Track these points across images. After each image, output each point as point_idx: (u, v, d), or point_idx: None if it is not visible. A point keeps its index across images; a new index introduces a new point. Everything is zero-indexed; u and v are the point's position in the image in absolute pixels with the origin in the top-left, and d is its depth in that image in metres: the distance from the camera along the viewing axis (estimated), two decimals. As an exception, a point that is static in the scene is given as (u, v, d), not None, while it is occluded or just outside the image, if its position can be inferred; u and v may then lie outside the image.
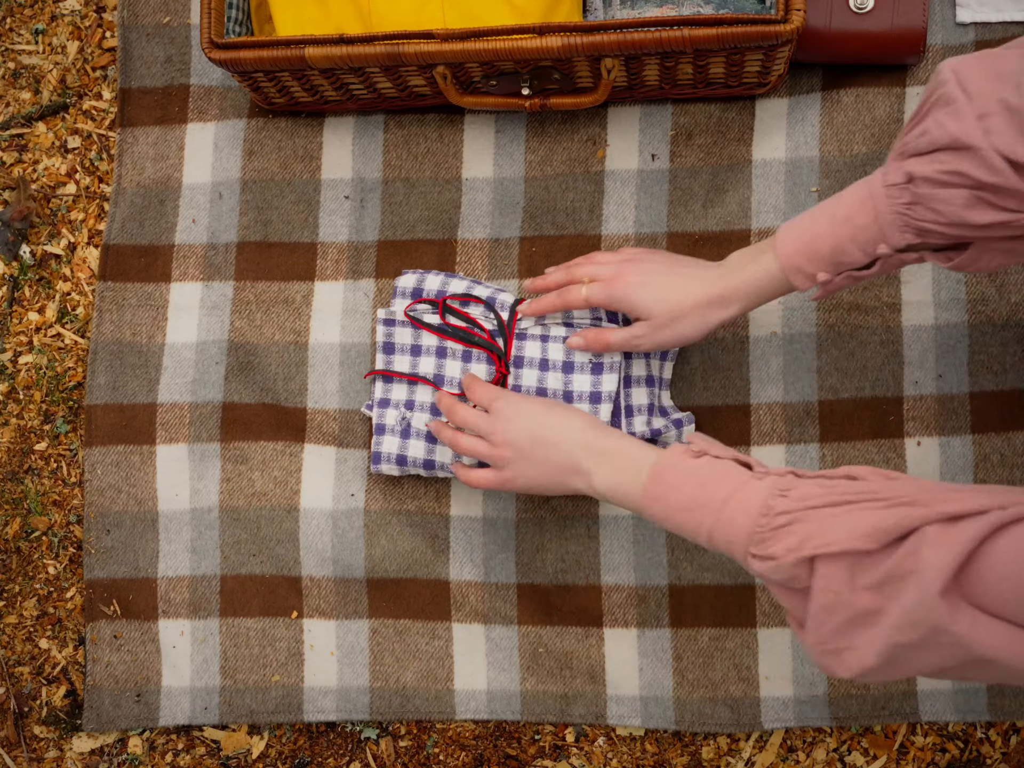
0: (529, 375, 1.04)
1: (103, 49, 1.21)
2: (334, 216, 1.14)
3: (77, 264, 1.18)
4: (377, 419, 1.08)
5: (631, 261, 0.98)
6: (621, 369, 1.03)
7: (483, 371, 1.07)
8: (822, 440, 1.05)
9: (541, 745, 1.08)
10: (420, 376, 1.08)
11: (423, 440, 1.06)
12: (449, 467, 1.05)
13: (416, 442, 1.06)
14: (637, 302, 0.95)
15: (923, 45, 1.04)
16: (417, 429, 1.06)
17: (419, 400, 1.08)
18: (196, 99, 1.17)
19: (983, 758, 1.04)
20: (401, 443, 1.06)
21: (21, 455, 1.15)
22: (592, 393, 1.03)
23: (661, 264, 0.97)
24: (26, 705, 1.13)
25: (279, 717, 1.09)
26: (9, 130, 1.21)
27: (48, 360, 1.16)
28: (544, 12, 1.02)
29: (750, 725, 1.04)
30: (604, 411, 1.02)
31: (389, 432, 1.07)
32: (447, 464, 1.05)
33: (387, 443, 1.07)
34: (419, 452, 1.06)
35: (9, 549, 1.14)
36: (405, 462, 1.06)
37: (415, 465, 1.06)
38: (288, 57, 0.99)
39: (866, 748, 1.05)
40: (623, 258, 0.98)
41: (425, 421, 1.06)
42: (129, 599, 1.11)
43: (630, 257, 0.98)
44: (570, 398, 1.03)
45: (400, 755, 1.09)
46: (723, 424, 1.07)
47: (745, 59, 1.00)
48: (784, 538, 0.74)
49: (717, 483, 0.81)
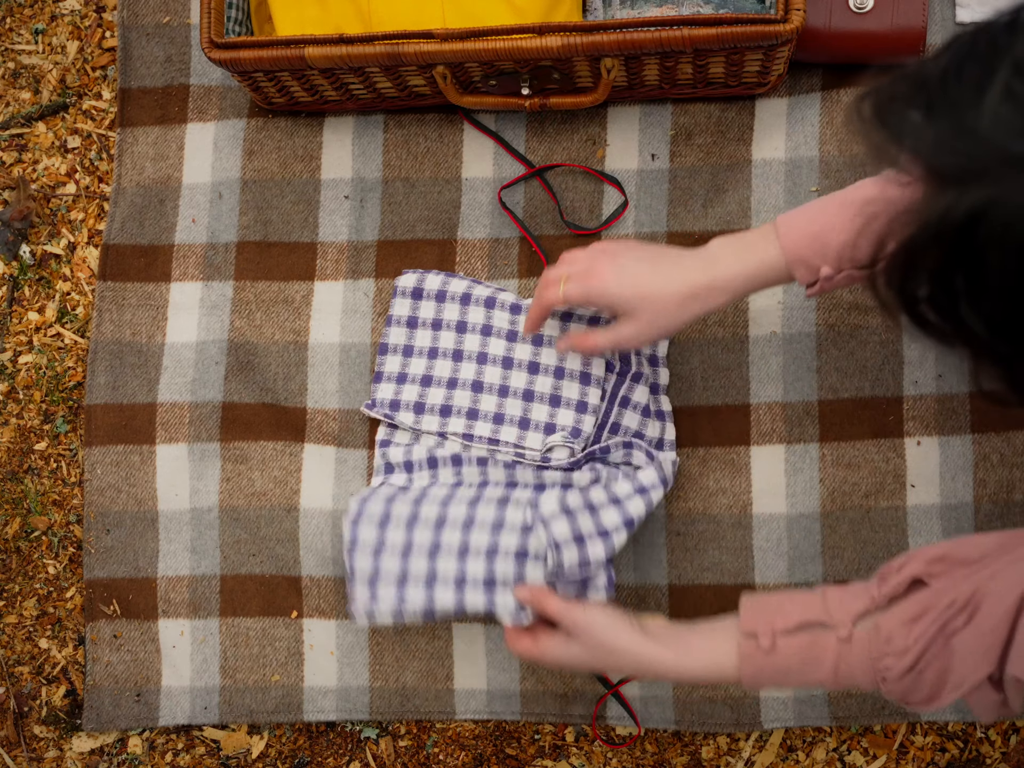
0: (518, 376, 1.05)
1: (103, 49, 1.21)
2: (334, 216, 1.14)
3: (77, 264, 1.18)
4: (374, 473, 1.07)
5: (605, 253, 0.92)
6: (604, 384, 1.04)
7: (503, 346, 1.08)
8: (822, 440, 1.05)
9: (541, 745, 1.08)
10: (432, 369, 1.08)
11: (421, 586, 0.98)
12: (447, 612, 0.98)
13: (415, 590, 0.98)
14: (615, 298, 0.90)
15: (923, 45, 1.04)
16: (415, 574, 0.98)
17: (436, 375, 1.07)
18: (196, 99, 1.18)
19: (983, 758, 1.04)
20: (399, 592, 0.98)
21: (21, 455, 1.15)
22: (579, 402, 1.04)
23: (637, 256, 0.92)
24: (26, 705, 1.13)
25: (279, 717, 1.09)
26: (9, 130, 1.21)
27: (48, 360, 1.16)
28: (544, 12, 1.02)
29: (750, 725, 1.04)
30: (587, 423, 1.03)
31: (386, 582, 0.98)
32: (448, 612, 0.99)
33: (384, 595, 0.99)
34: (418, 599, 0.98)
35: (9, 549, 1.14)
36: (402, 615, 0.99)
37: (414, 613, 0.98)
38: (288, 57, 0.99)
39: (866, 748, 1.05)
40: (596, 251, 0.93)
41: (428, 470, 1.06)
42: (129, 599, 1.11)
43: (604, 249, 0.93)
44: (557, 403, 1.04)
45: (400, 755, 1.09)
46: (723, 424, 1.07)
47: (745, 59, 1.00)
48: (917, 691, 0.79)
49: (813, 668, 0.82)
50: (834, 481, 1.05)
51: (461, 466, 1.05)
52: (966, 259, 0.49)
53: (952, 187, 0.49)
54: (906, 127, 0.51)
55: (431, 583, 0.98)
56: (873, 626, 0.81)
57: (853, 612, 0.82)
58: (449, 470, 1.06)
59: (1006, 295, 0.50)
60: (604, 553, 0.95)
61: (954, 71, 0.50)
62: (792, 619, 0.83)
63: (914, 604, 0.80)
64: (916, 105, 0.51)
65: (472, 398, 1.07)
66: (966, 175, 0.48)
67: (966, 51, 0.51)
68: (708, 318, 1.08)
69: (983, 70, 0.49)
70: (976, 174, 0.48)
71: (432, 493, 1.02)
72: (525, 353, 1.06)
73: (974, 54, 0.50)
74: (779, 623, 0.83)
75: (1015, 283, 0.49)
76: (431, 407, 1.08)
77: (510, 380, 1.06)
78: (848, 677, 0.81)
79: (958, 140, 0.49)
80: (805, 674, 0.82)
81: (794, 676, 0.83)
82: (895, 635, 0.79)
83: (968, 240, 0.49)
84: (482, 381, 1.07)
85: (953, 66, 0.51)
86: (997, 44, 0.50)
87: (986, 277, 0.49)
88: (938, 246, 0.50)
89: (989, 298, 0.50)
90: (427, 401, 1.08)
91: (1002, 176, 0.47)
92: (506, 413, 1.06)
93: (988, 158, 0.48)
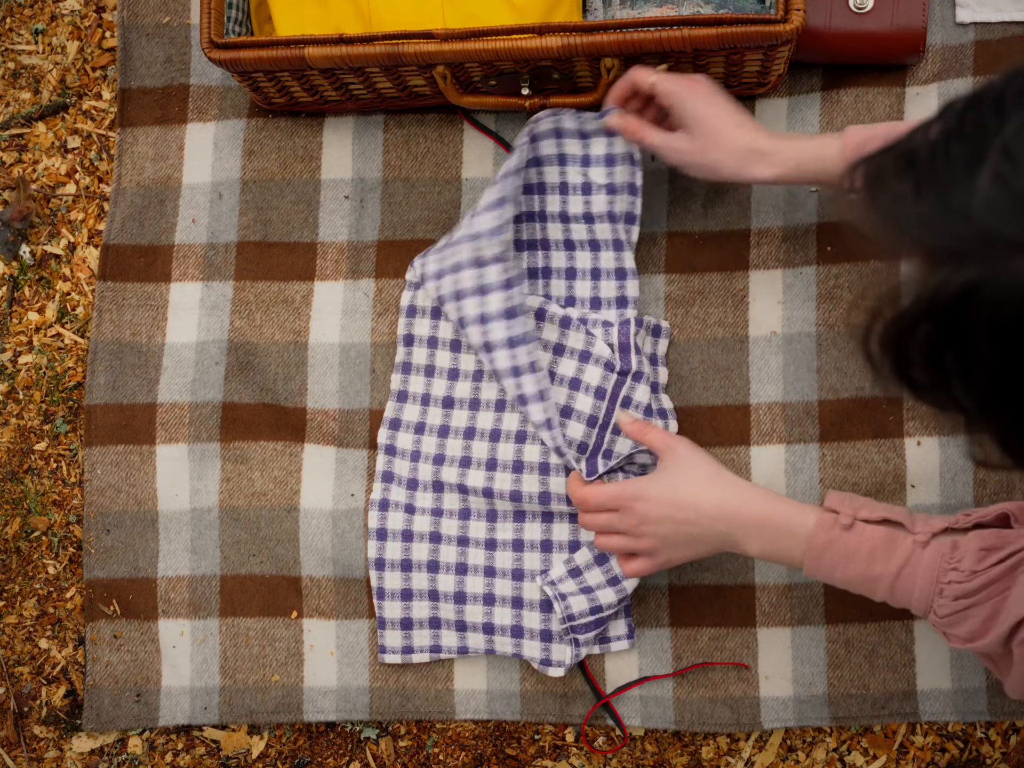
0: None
1: (103, 49, 1.21)
2: (334, 216, 1.14)
3: (77, 264, 1.18)
4: (378, 522, 1.08)
5: (706, 84, 0.96)
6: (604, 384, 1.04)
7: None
8: (822, 440, 1.05)
9: (541, 745, 1.08)
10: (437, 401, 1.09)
11: (450, 629, 1.07)
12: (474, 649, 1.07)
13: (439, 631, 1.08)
14: (695, 110, 0.94)
15: (923, 45, 1.04)
16: (438, 617, 1.07)
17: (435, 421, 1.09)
18: (196, 99, 1.17)
19: (983, 758, 1.04)
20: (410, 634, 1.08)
21: (21, 455, 1.15)
22: (583, 352, 1.05)
23: (727, 100, 0.95)
24: (26, 705, 1.13)
25: (279, 717, 1.09)
26: (9, 130, 1.21)
27: (48, 360, 1.16)
28: (544, 12, 1.02)
29: (750, 725, 1.04)
30: (591, 373, 1.04)
31: (419, 627, 1.07)
32: (477, 648, 1.07)
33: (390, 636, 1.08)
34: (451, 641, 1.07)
35: (9, 549, 1.14)
36: (439, 653, 1.08)
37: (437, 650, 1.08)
38: (288, 57, 0.99)
39: (866, 748, 1.05)
40: (699, 77, 0.97)
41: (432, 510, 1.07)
42: (129, 599, 1.11)
43: (705, 81, 0.97)
44: (561, 351, 1.06)
45: (400, 755, 1.09)
46: (723, 424, 1.07)
47: (745, 59, 1.00)
48: (965, 622, 0.78)
49: (882, 560, 0.83)
50: (834, 481, 1.05)
51: (467, 494, 1.06)
52: (956, 338, 0.50)
53: (944, 265, 0.49)
54: (895, 204, 0.52)
55: (462, 628, 1.06)
56: (951, 542, 0.81)
57: (935, 527, 0.83)
58: (456, 496, 1.06)
59: (996, 375, 0.50)
60: (616, 598, 1.01)
61: (942, 151, 0.51)
62: (877, 512, 0.85)
63: (994, 536, 0.80)
64: (905, 182, 0.51)
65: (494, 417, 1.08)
66: (956, 255, 0.49)
67: (954, 130, 0.51)
68: (708, 318, 1.08)
69: (972, 152, 0.49)
70: (966, 254, 0.48)
71: (445, 532, 1.07)
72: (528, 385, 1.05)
73: (962, 135, 0.50)
74: (863, 511, 0.85)
75: (1005, 364, 0.49)
76: (431, 427, 1.09)
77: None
78: (908, 584, 0.82)
79: (947, 221, 0.49)
80: (870, 565, 0.83)
81: (858, 564, 0.83)
82: (968, 555, 0.79)
83: (959, 319, 0.49)
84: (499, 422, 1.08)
85: (941, 145, 0.51)
86: (986, 126, 0.50)
87: (976, 356, 0.50)
88: (929, 322, 0.51)
89: (979, 377, 0.51)
90: (427, 421, 1.09)
91: (992, 257, 0.48)
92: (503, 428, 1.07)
93: (978, 240, 0.48)
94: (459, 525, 1.06)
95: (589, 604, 1.01)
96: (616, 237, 1.06)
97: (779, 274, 1.08)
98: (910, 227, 0.51)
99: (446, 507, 1.07)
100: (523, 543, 1.05)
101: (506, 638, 1.05)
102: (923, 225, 0.50)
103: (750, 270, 1.08)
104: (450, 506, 1.07)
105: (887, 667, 1.03)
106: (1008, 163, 0.48)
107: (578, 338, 1.05)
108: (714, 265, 1.09)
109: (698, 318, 1.09)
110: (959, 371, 0.51)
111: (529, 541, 1.05)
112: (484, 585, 1.05)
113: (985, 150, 0.48)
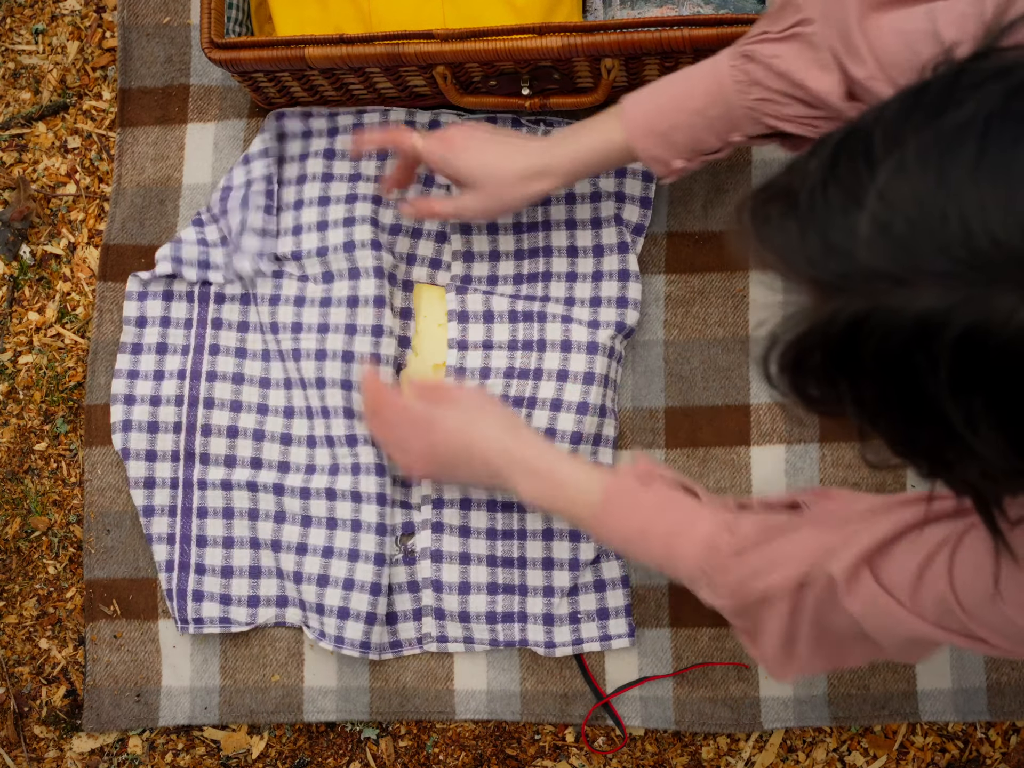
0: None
1: (103, 49, 1.21)
2: (334, 216, 1.14)
3: (77, 264, 1.18)
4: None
5: (460, 129, 0.97)
6: None
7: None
8: (822, 440, 1.05)
9: (541, 745, 1.08)
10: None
11: None
12: None
13: None
14: (462, 167, 0.95)
15: (923, 45, 1.04)
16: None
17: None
18: (196, 99, 1.17)
19: (983, 758, 1.04)
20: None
21: (21, 455, 1.15)
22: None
23: (488, 135, 0.96)
24: (26, 705, 1.13)
25: (279, 717, 1.09)
26: (9, 130, 1.21)
27: (48, 360, 1.16)
28: (544, 12, 1.02)
29: (750, 725, 1.04)
30: (576, 361, 1.04)
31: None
32: None
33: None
34: None
35: (9, 549, 1.14)
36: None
37: None
38: (288, 57, 0.99)
39: (866, 748, 1.05)
40: (451, 127, 0.98)
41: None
42: (129, 599, 1.11)
43: (459, 126, 0.98)
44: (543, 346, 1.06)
45: (400, 755, 1.09)
46: (723, 424, 1.07)
47: (745, 59, 1.00)
48: (728, 574, 0.82)
49: (667, 515, 0.86)
50: (834, 481, 1.05)
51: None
52: (847, 364, 0.53)
53: (833, 297, 0.52)
54: (782, 243, 0.54)
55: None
56: (735, 515, 0.85)
57: (727, 502, 0.87)
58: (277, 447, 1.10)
59: (884, 401, 0.53)
60: None
61: (821, 192, 0.53)
62: (675, 477, 0.89)
63: (779, 514, 0.84)
64: (789, 221, 0.54)
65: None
66: (843, 290, 0.52)
67: (829, 171, 0.53)
68: (708, 318, 1.08)
69: (848, 197, 0.51)
70: (851, 289, 0.51)
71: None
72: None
73: (837, 176, 0.52)
74: (663, 473, 0.89)
75: (891, 392, 0.52)
76: None
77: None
78: (683, 541, 0.84)
79: (831, 260, 0.52)
80: (654, 518, 0.86)
81: (642, 515, 0.87)
82: (745, 525, 0.83)
83: (849, 348, 0.52)
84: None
85: (819, 186, 0.53)
86: (857, 168, 0.52)
87: (865, 380, 0.53)
88: (822, 351, 0.54)
89: (868, 397, 0.54)
90: None
91: (876, 292, 0.50)
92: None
93: (862, 277, 0.51)
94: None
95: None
96: (622, 239, 1.06)
97: (779, 274, 1.07)
98: (798, 264, 0.54)
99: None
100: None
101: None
102: (810, 264, 0.53)
103: (750, 270, 1.08)
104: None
105: (887, 667, 1.03)
106: (884, 208, 0.50)
107: (555, 329, 1.05)
108: (714, 265, 1.09)
109: (698, 318, 1.09)
110: (850, 391, 0.54)
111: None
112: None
113: (861, 196, 0.51)
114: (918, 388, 0.51)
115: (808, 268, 0.53)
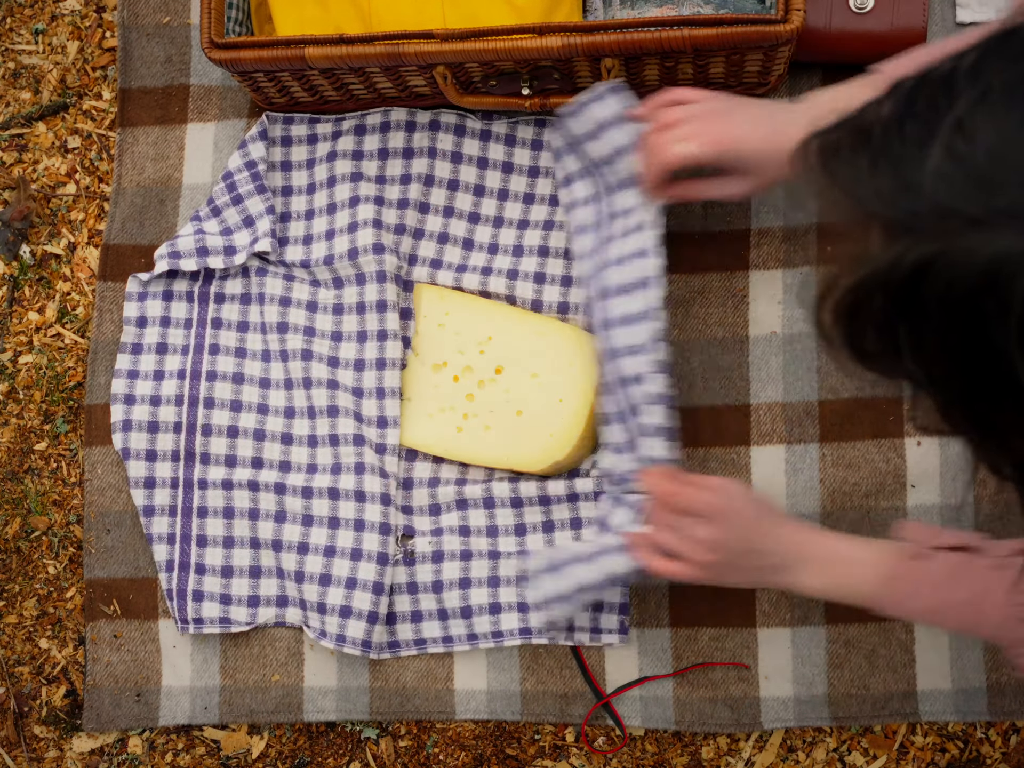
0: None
1: (103, 49, 1.21)
2: (334, 216, 1.14)
3: (77, 264, 1.18)
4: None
5: (716, 111, 0.92)
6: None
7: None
8: (822, 440, 1.05)
9: (541, 745, 1.08)
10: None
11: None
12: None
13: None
14: (748, 152, 0.90)
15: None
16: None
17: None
18: (196, 99, 1.17)
19: (983, 758, 1.04)
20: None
21: (21, 455, 1.15)
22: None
23: (750, 106, 0.92)
24: (26, 705, 1.13)
25: (279, 717, 1.09)
26: (9, 130, 1.21)
27: (48, 360, 1.16)
28: (544, 12, 1.02)
29: (750, 725, 1.04)
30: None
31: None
32: None
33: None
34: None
35: (9, 549, 1.14)
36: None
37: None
38: (288, 57, 0.99)
39: (866, 748, 1.05)
40: (705, 108, 0.92)
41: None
42: (129, 599, 1.11)
43: (713, 108, 0.92)
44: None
45: (400, 755, 1.09)
46: (723, 424, 1.07)
47: (745, 59, 1.00)
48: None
49: (955, 587, 0.83)
50: (834, 481, 1.05)
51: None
52: (910, 311, 0.50)
53: (899, 239, 0.50)
54: (851, 177, 0.52)
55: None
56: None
57: (1011, 548, 0.83)
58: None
59: (945, 348, 0.51)
60: None
61: (896, 127, 0.51)
62: (949, 540, 0.85)
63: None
64: (860, 156, 0.52)
65: None
66: (911, 229, 0.49)
67: (905, 107, 0.51)
68: (708, 318, 1.08)
69: (925, 130, 0.50)
70: (921, 230, 0.49)
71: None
72: None
73: (913, 112, 0.51)
74: (935, 540, 0.85)
75: (955, 338, 0.50)
76: None
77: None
78: (983, 609, 0.81)
79: (902, 196, 0.50)
80: (943, 592, 0.83)
81: (930, 591, 0.84)
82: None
83: (913, 293, 0.50)
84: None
85: (895, 122, 0.51)
86: (936, 103, 0.50)
87: (928, 329, 0.51)
88: (884, 295, 0.51)
89: (929, 348, 0.51)
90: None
91: (945, 233, 0.48)
92: None
93: (932, 215, 0.49)
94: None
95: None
96: (643, 246, 1.05)
97: (779, 274, 1.08)
98: (866, 201, 0.51)
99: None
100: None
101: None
102: (879, 199, 0.51)
103: (750, 270, 1.08)
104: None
105: (887, 667, 1.03)
106: (960, 138, 0.48)
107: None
108: (714, 265, 1.09)
109: (698, 318, 1.09)
110: (910, 342, 0.52)
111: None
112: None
113: (937, 128, 0.49)
114: (984, 338, 0.48)
115: (877, 203, 0.51)
